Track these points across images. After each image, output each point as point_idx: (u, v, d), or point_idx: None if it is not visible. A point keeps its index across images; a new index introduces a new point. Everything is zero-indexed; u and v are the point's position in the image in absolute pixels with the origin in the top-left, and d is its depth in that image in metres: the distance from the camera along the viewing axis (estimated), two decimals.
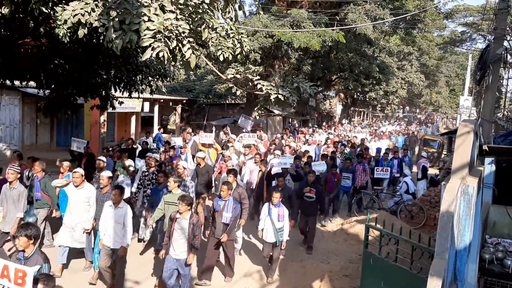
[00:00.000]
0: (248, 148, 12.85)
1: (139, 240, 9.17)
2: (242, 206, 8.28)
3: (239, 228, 8.55)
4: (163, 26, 5.39)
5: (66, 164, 8.80)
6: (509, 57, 11.95)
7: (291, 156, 12.80)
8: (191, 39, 5.76)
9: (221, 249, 7.84)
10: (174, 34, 5.52)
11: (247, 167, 12.03)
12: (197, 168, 10.90)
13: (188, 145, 14.53)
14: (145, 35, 5.38)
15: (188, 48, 5.70)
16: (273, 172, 10.98)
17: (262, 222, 8.00)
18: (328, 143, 18.67)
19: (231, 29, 7.27)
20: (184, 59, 5.92)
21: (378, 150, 16.28)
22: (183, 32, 5.60)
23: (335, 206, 12.21)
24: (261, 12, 15.67)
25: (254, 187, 11.39)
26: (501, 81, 16.93)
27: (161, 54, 5.40)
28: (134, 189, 9.78)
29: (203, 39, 6.17)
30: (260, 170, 11.13)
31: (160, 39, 5.42)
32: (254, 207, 11.01)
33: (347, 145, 17.69)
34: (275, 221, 7.79)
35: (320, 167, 11.83)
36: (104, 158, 9.25)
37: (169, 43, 5.50)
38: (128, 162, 10.36)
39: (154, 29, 5.37)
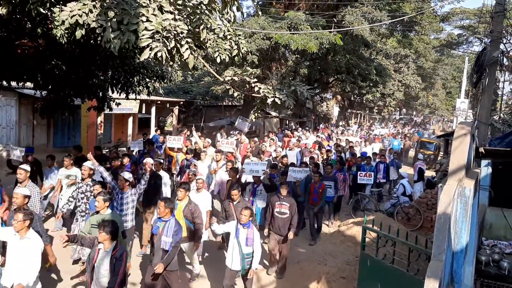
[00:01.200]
0: (220, 154, 11.30)
1: (75, 262, 7.88)
2: (195, 226, 7.30)
3: (193, 252, 7.58)
4: (162, 26, 5.39)
5: None
6: (505, 60, 12.00)
7: (264, 162, 11.24)
8: (189, 40, 5.77)
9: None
10: (173, 34, 5.52)
11: (218, 176, 10.53)
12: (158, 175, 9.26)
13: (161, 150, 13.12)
14: (143, 35, 5.38)
15: (187, 49, 5.70)
16: (245, 180, 9.92)
17: (221, 230, 6.91)
18: (310, 148, 17.02)
19: (229, 31, 7.28)
20: (182, 60, 5.91)
21: (363, 154, 15.07)
22: (182, 33, 5.61)
23: (319, 222, 10.54)
24: (260, 13, 15.68)
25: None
26: (498, 84, 16.99)
27: (159, 54, 5.40)
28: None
29: (201, 39, 6.17)
30: (229, 180, 9.48)
31: (159, 39, 5.43)
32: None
33: (332, 150, 16.11)
34: (243, 245, 6.48)
35: (299, 174, 10.06)
36: (26, 167, 7.40)
37: (167, 43, 5.50)
38: (73, 170, 8.92)
39: (152, 30, 5.38)
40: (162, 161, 10.29)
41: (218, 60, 7.27)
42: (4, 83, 11.74)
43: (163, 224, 6.21)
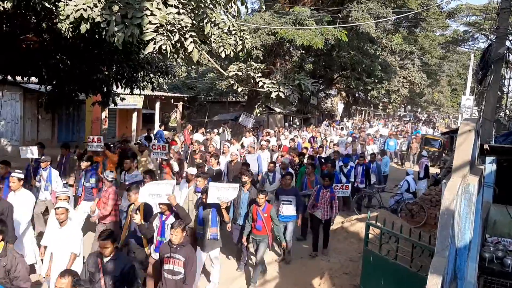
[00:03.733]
0: (130, 161, 8.80)
1: None
2: None
3: None
4: (166, 20, 5.40)
5: None
6: (511, 56, 11.92)
7: (171, 181, 8.56)
8: (193, 34, 5.76)
9: None
10: (177, 28, 5.52)
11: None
12: (2, 203, 6.34)
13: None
14: (147, 29, 5.39)
15: (191, 42, 5.71)
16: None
17: None
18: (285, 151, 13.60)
19: (233, 26, 7.26)
20: (187, 54, 5.91)
21: (345, 161, 12.75)
22: (186, 26, 5.61)
23: (259, 255, 7.49)
24: (264, 7, 15.63)
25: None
26: (503, 81, 16.90)
27: (163, 48, 5.40)
28: None
29: (205, 33, 6.17)
30: (136, 208, 6.54)
31: (163, 33, 5.43)
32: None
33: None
34: None
35: (225, 192, 6.71)
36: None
37: (172, 37, 5.50)
38: None
39: (157, 23, 5.39)
40: (21, 176, 7.01)
41: (223, 55, 7.26)
42: (9, 78, 11.79)
43: None
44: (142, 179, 8.00)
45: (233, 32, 7.35)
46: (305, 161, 11.99)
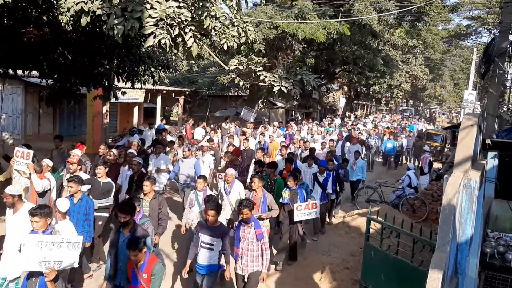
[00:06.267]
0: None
1: None
2: None
3: None
4: (166, 13, 5.37)
5: None
6: None
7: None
8: (193, 28, 5.73)
9: None
10: (176, 22, 5.49)
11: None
12: None
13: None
14: (147, 22, 5.36)
15: (190, 36, 5.67)
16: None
17: None
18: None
19: (236, 18, 7.21)
20: (186, 48, 5.88)
21: (322, 164, 10.16)
22: (186, 20, 5.58)
23: None
24: (264, 1, 15.60)
25: None
26: (506, 75, 16.80)
27: (163, 42, 5.38)
28: None
29: (205, 27, 6.13)
30: None
31: (162, 27, 5.40)
32: None
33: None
34: None
35: (45, 251, 3.82)
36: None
37: (171, 31, 5.47)
38: None
39: (156, 17, 5.36)
40: None
41: (225, 47, 7.20)
42: (10, 71, 11.77)
43: None
44: None
45: (236, 23, 7.29)
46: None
